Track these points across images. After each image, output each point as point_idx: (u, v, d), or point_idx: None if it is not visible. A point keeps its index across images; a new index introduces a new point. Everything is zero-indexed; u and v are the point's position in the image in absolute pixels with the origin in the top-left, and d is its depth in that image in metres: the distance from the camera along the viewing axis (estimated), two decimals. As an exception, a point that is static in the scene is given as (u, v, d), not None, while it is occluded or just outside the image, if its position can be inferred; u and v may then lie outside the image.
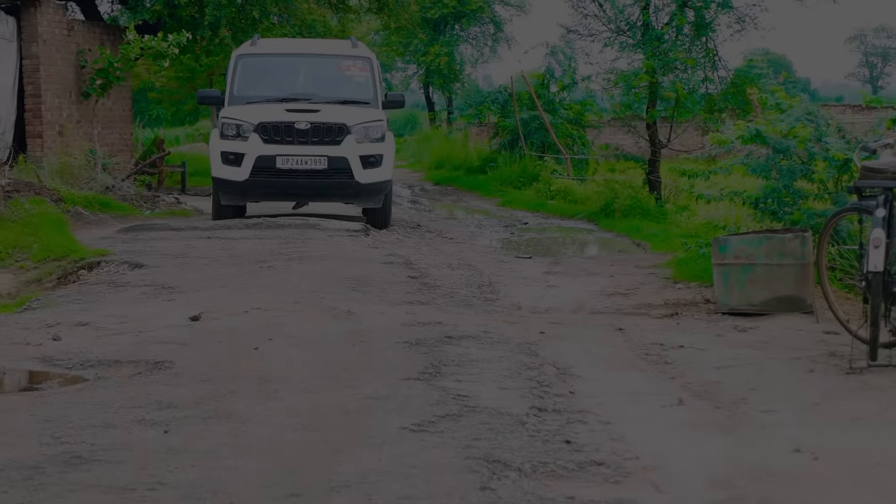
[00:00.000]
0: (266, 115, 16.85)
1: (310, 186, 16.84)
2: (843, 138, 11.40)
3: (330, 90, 18.16)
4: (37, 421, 6.16)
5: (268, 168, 16.60)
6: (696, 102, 22.76)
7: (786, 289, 9.95)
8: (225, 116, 17.06)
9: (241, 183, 16.74)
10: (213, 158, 17.06)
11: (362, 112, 17.35)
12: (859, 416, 6.52)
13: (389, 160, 17.21)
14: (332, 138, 16.72)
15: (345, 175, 16.75)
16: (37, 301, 10.72)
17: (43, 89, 21.22)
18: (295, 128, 16.68)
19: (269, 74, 18.41)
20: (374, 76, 18.20)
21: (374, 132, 17.06)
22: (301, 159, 16.62)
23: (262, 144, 16.65)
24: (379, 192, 17.16)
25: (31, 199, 16.95)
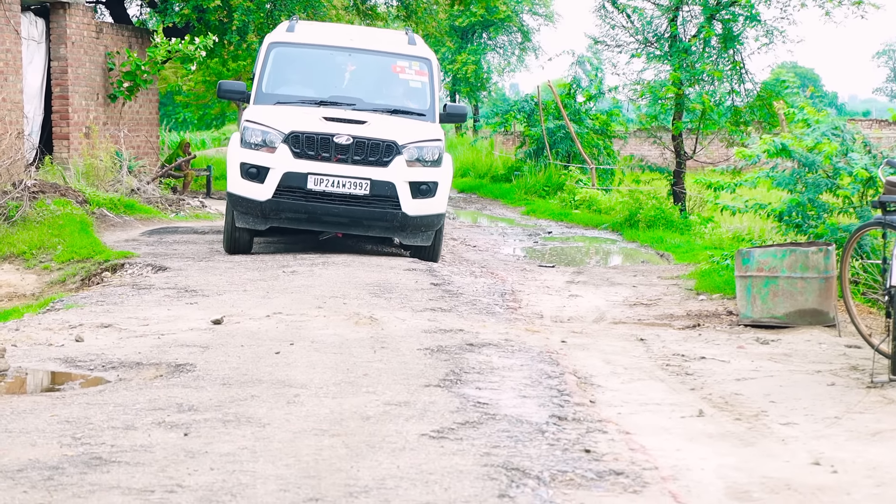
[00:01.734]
0: (299, 122, 13.88)
1: (346, 215, 13.80)
2: (868, 153, 11.37)
3: (379, 96, 15.20)
4: (58, 422, 6.18)
5: (296, 188, 13.69)
6: (722, 115, 22.75)
7: (808, 302, 9.93)
8: (249, 120, 14.08)
9: (262, 203, 13.77)
10: (231, 170, 14.09)
11: (416, 128, 14.39)
12: (880, 430, 6.50)
13: (445, 189, 14.27)
14: (378, 158, 13.79)
15: (390, 204, 13.81)
16: (60, 302, 10.76)
17: (70, 91, 21.33)
18: (334, 142, 13.72)
19: (307, 69, 15.47)
20: (434, 82, 15.23)
21: (429, 154, 14.13)
22: (338, 181, 13.68)
23: (291, 159, 13.72)
24: (429, 228, 14.18)
25: (57, 201, 17.03)
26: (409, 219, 13.88)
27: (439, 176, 14.10)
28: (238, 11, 23.66)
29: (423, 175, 13.96)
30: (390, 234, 14.16)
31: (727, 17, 22.03)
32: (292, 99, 14.71)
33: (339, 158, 13.70)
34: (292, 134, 13.73)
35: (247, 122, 14.05)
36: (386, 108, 14.77)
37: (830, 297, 9.98)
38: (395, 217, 13.82)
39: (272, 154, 13.77)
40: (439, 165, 14.14)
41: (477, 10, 51.62)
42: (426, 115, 14.84)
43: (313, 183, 13.66)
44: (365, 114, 14.35)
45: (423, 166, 13.99)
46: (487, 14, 53.31)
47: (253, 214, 13.86)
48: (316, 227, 14.07)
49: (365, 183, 13.72)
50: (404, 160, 13.84)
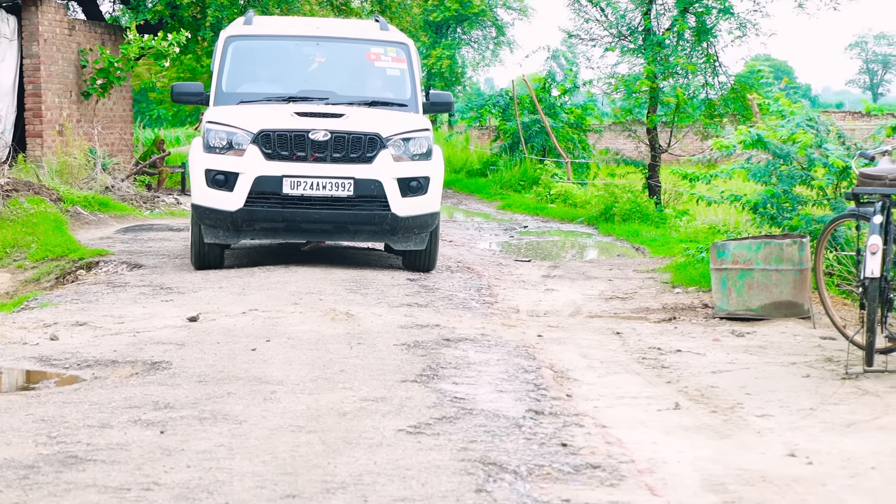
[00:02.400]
0: (269, 119, 12.37)
1: (329, 220, 12.28)
2: (843, 145, 11.41)
3: (354, 87, 13.79)
4: (33, 420, 6.17)
5: (271, 194, 12.14)
6: (696, 108, 22.81)
7: (783, 294, 9.96)
8: (212, 121, 12.52)
9: (232, 214, 12.12)
10: (195, 178, 12.40)
11: (400, 118, 12.95)
12: (854, 422, 6.52)
13: (437, 185, 12.75)
14: (361, 154, 12.27)
15: (377, 205, 12.31)
16: (34, 301, 10.73)
17: (43, 88, 21.23)
18: (310, 138, 12.17)
19: (271, 64, 14.06)
20: (413, 69, 13.76)
21: (418, 146, 12.65)
22: (317, 182, 12.15)
23: (263, 161, 12.14)
24: (422, 229, 12.59)
25: (30, 199, 16.97)
26: (400, 220, 12.34)
27: (430, 170, 12.65)
28: (212, 7, 23.60)
29: (412, 170, 12.48)
30: (379, 238, 12.63)
31: (700, 10, 22.09)
32: (257, 97, 13.22)
33: (316, 157, 12.17)
34: (262, 133, 12.13)
35: (209, 124, 12.47)
36: (363, 101, 13.31)
37: (805, 289, 10.02)
38: (383, 219, 12.30)
39: (241, 157, 12.16)
40: (429, 159, 12.69)
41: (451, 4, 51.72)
42: (408, 105, 13.44)
43: (289, 186, 12.09)
44: (341, 107, 12.92)
45: (411, 160, 12.53)
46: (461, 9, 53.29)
47: (223, 227, 12.22)
48: (296, 236, 12.66)
49: (348, 183, 12.20)
50: (390, 155, 12.35)
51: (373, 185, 12.25)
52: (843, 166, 10.74)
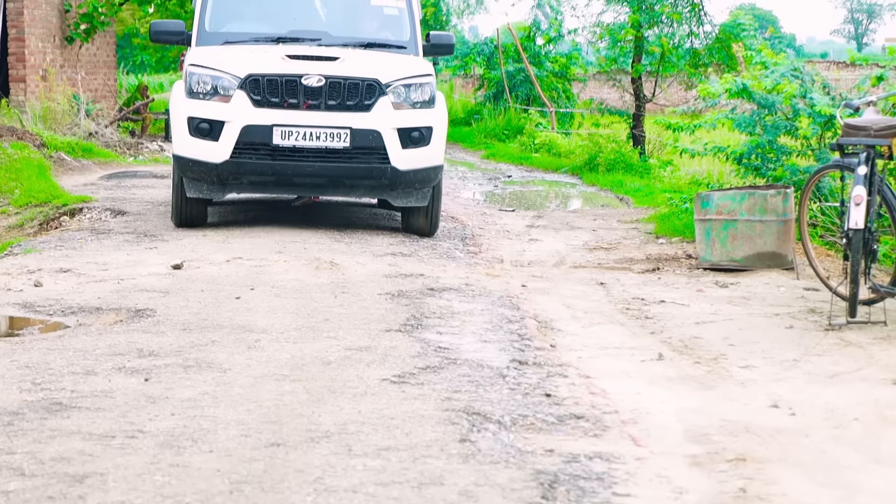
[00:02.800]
0: (258, 63, 11.34)
1: (323, 173, 11.26)
2: (827, 95, 11.41)
3: (348, 27, 12.81)
4: (17, 367, 6.16)
5: (260, 145, 11.11)
6: (681, 57, 22.77)
7: (767, 245, 9.98)
8: (195, 64, 11.47)
9: (217, 166, 11.10)
10: (177, 126, 11.47)
11: (400, 62, 11.91)
12: (837, 373, 6.55)
13: (441, 136, 11.68)
14: (358, 101, 11.23)
15: (376, 157, 11.24)
16: (18, 247, 10.70)
17: (27, 33, 21.11)
18: (302, 84, 11.14)
19: (259, 1, 13.07)
20: (413, 8, 12.71)
21: (420, 93, 11.58)
22: (311, 132, 11.10)
23: (251, 108, 11.10)
24: (424, 184, 11.52)
25: (14, 144, 16.90)
26: (401, 174, 11.29)
27: (433, 119, 11.57)
28: (195, -47, 23.44)
29: (413, 119, 11.42)
30: (378, 194, 11.68)
31: (686, -42, 21.99)
32: (243, 37, 12.19)
33: (309, 105, 11.12)
34: (250, 78, 11.08)
35: (192, 67, 11.40)
36: (358, 42, 12.30)
37: (789, 240, 10.04)
38: (382, 173, 11.25)
39: (227, 104, 11.11)
40: (432, 107, 11.61)
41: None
42: (407, 48, 12.40)
43: (280, 137, 11.04)
44: (336, 49, 11.91)
45: (412, 108, 11.45)
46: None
47: (207, 180, 11.22)
48: (286, 191, 11.73)
49: (344, 133, 11.11)
50: (390, 102, 11.29)
51: (371, 136, 11.17)
52: (828, 113, 10.73)
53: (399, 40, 12.50)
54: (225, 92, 11.19)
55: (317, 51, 11.77)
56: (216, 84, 11.24)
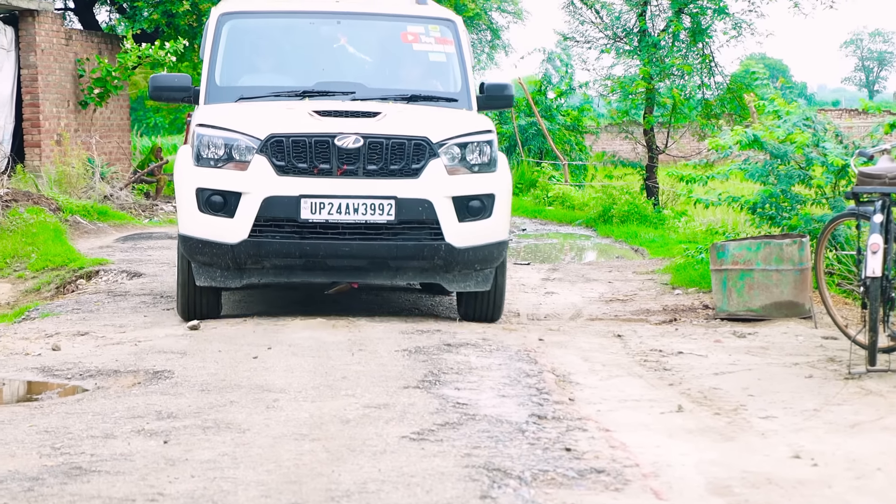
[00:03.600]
0: (281, 121, 9.60)
1: (363, 254, 9.46)
2: (840, 143, 11.42)
3: (387, 77, 10.96)
4: (36, 432, 6.16)
5: (285, 221, 9.34)
6: (692, 108, 22.82)
7: (784, 294, 9.96)
8: (204, 124, 9.71)
9: (233, 248, 9.36)
10: (183, 200, 9.70)
11: (452, 117, 10.13)
12: (858, 422, 6.52)
13: (505, 205, 9.88)
14: (405, 165, 9.50)
15: (427, 233, 9.50)
16: (35, 311, 10.73)
17: (41, 99, 21.24)
18: (336, 145, 9.38)
19: (278, 48, 11.09)
20: (463, 53, 10.80)
21: (479, 153, 9.79)
22: (347, 204, 9.33)
23: (274, 177, 9.34)
24: (485, 264, 9.74)
25: (30, 209, 16.97)
26: (457, 253, 9.53)
27: (495, 185, 9.80)
28: (207, 16, 23.60)
29: (472, 185, 9.67)
30: (429, 277, 9.78)
31: (695, 10, 22.10)
32: (262, 91, 10.41)
33: (345, 170, 9.39)
34: (272, 139, 9.36)
35: (201, 129, 9.67)
36: (400, 95, 10.45)
37: (806, 289, 10.02)
38: (435, 252, 9.49)
39: (244, 172, 9.40)
40: (493, 170, 9.85)
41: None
42: (459, 100, 10.56)
43: (310, 210, 9.31)
44: (374, 104, 10.13)
45: (470, 172, 9.71)
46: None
47: (220, 265, 9.50)
48: (318, 276, 9.77)
49: (387, 204, 9.36)
50: (443, 165, 9.57)
51: (420, 207, 9.43)
52: (841, 164, 10.74)
53: (448, 91, 10.66)
54: (241, 157, 9.43)
55: (351, 106, 9.94)
56: (230, 148, 9.46)
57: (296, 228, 9.33)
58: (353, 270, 9.69)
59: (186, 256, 9.62)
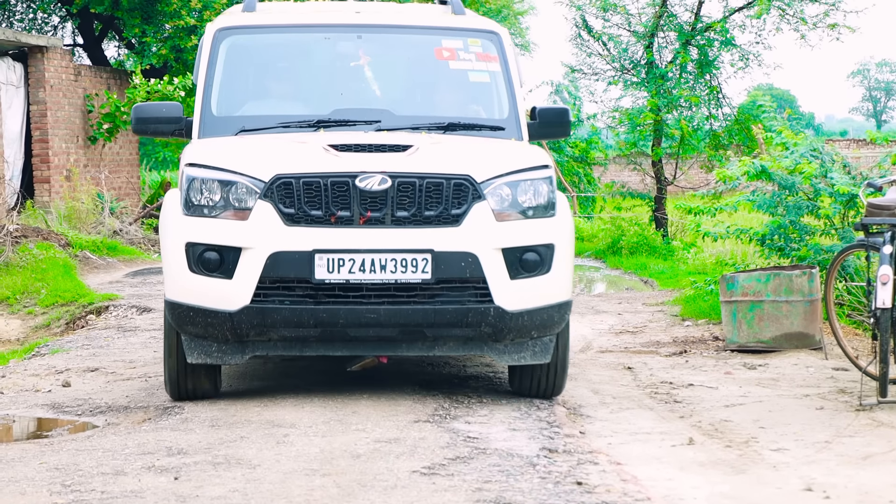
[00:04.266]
0: (289, 159, 7.81)
1: (392, 322, 7.58)
2: (848, 174, 11.42)
3: (418, 102, 9.25)
4: (47, 469, 6.16)
5: (296, 281, 7.53)
6: (700, 139, 22.85)
7: (794, 325, 9.95)
8: (197, 163, 7.91)
9: (232, 316, 7.53)
10: (169, 259, 7.83)
11: (501, 151, 8.32)
12: (870, 454, 6.50)
13: (566, 257, 7.92)
14: (443, 211, 7.65)
15: (472, 294, 7.63)
16: (45, 347, 10.74)
17: (50, 134, 21.32)
18: (357, 187, 7.56)
19: (288, 70, 9.33)
20: (510, 71, 8.99)
21: (533, 194, 7.88)
22: (372, 260, 7.51)
23: (280, 227, 7.54)
24: (544, 330, 7.82)
25: (39, 245, 17.00)
26: (509, 318, 7.60)
27: (555, 233, 7.86)
28: (215, 50, 23.67)
29: (526, 234, 7.75)
30: (475, 348, 7.82)
31: (702, 42, 22.13)
32: (268, 122, 8.60)
33: (369, 218, 7.57)
34: (279, 181, 7.56)
35: (192, 169, 7.85)
36: (435, 123, 8.63)
37: (816, 320, 10.01)
38: (482, 317, 7.59)
39: (245, 222, 7.58)
40: (552, 214, 7.93)
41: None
42: (506, 129, 8.72)
43: (326, 268, 7.48)
44: (403, 135, 8.35)
45: (523, 218, 7.80)
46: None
47: (216, 337, 7.65)
48: (338, 349, 7.76)
49: (422, 259, 7.52)
50: (490, 210, 7.68)
51: (463, 262, 7.57)
52: (848, 193, 10.74)
53: (493, 118, 8.88)
54: (241, 204, 7.63)
55: (376, 138, 8.16)
56: (228, 192, 7.66)
57: (309, 291, 7.50)
58: (380, 342, 7.74)
59: (175, 327, 7.75)
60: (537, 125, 8.83)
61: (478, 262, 7.58)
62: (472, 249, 7.59)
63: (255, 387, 8.48)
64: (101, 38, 27.76)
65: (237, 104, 8.87)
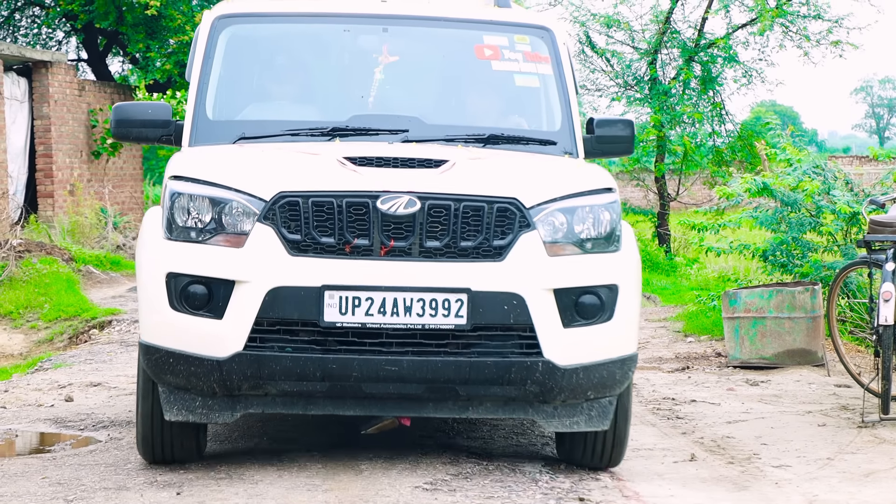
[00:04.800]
0: (296, 173, 6.43)
1: (417, 376, 6.15)
2: (850, 191, 11.44)
3: (453, 109, 7.79)
4: (49, 484, 6.17)
5: (301, 324, 6.13)
6: (704, 156, 22.88)
7: (797, 342, 9.96)
8: (181, 176, 6.55)
9: (222, 365, 6.11)
10: (146, 292, 6.41)
11: (553, 170, 6.98)
12: (872, 471, 6.51)
13: (633, 301, 6.54)
14: (483, 241, 6.23)
15: (516, 345, 6.20)
16: (48, 361, 10.76)
17: (54, 149, 21.36)
18: (378, 210, 6.15)
19: (299, 67, 7.80)
20: (563, 76, 7.56)
21: (593, 223, 6.52)
22: (395, 300, 6.12)
23: (283, 256, 6.14)
24: (603, 390, 6.40)
25: (43, 259, 17.02)
26: (562, 375, 6.17)
27: (619, 271, 6.47)
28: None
29: (584, 272, 6.35)
30: (518, 410, 6.33)
31: (706, 58, 22.17)
32: (273, 128, 7.19)
33: (392, 249, 6.15)
34: (283, 200, 6.16)
35: (178, 183, 6.48)
36: (474, 135, 7.20)
37: (818, 337, 10.01)
38: (528, 373, 6.14)
39: (239, 250, 6.17)
40: (616, 248, 6.55)
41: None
42: (558, 143, 7.31)
43: (338, 309, 6.08)
44: (435, 147, 6.97)
45: (581, 252, 6.39)
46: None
47: (202, 390, 6.23)
48: (350, 408, 6.31)
49: (456, 300, 6.11)
50: (540, 241, 6.26)
51: (506, 305, 6.13)
52: (849, 212, 10.76)
53: (543, 130, 7.52)
54: (236, 227, 6.20)
55: (402, 150, 6.80)
56: (221, 212, 6.23)
57: (317, 336, 6.07)
58: (402, 400, 6.27)
59: (151, 376, 6.35)
60: (595, 140, 7.43)
61: (524, 305, 6.12)
62: (517, 289, 6.12)
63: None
64: (105, 54, 27.82)
65: (237, 107, 7.51)
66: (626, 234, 6.65)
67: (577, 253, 6.33)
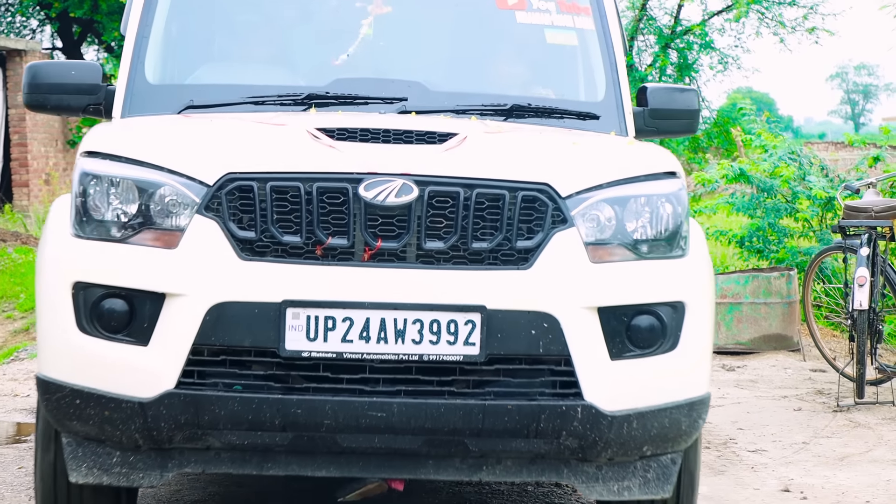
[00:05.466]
0: (251, 148, 4.44)
1: (410, 425, 4.18)
2: (826, 177, 11.47)
3: (469, 72, 5.86)
4: (25, 474, 6.15)
5: (254, 354, 4.18)
6: (679, 143, 22.91)
7: (772, 327, 9.98)
8: (97, 151, 4.53)
9: (145, 407, 4.17)
10: (47, 308, 4.44)
11: (595, 150, 4.98)
12: (847, 455, 6.53)
13: (704, 323, 4.57)
14: (502, 241, 4.27)
15: (546, 383, 4.27)
16: (24, 351, 10.71)
17: (29, 138, 21.27)
18: (360, 199, 4.21)
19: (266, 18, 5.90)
20: (608, 33, 5.74)
21: (649, 219, 4.52)
22: (381, 321, 4.17)
23: (232, 261, 4.20)
24: (664, 444, 4.48)
25: (18, 249, 16.95)
26: (607, 424, 4.30)
27: (686, 283, 4.59)
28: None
29: (639, 285, 4.48)
30: (549, 471, 4.45)
31: (682, 45, 22.20)
32: (230, 94, 5.35)
33: (379, 252, 4.26)
34: (231, 184, 4.30)
35: (89, 161, 4.55)
36: (492, 104, 5.40)
37: (794, 322, 10.05)
38: (564, 422, 4.27)
39: (172, 252, 4.30)
40: (681, 253, 4.62)
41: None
42: (602, 116, 5.55)
43: (306, 333, 4.19)
44: (441, 119, 5.14)
45: (635, 258, 4.51)
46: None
47: (121, 443, 4.36)
48: (321, 467, 4.38)
49: (466, 321, 4.22)
50: (580, 241, 4.38)
51: (534, 328, 4.27)
52: (824, 197, 10.79)
53: (581, 100, 5.78)
54: (167, 221, 4.38)
55: (397, 122, 4.95)
56: (148, 201, 4.40)
57: (276, 370, 4.24)
58: (391, 457, 4.41)
59: (52, 422, 4.53)
60: (648, 114, 5.71)
61: (558, 328, 4.28)
62: (548, 308, 4.29)
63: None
64: (80, 42, 27.71)
65: (186, 68, 5.78)
66: (695, 233, 4.77)
67: (629, 259, 4.50)
